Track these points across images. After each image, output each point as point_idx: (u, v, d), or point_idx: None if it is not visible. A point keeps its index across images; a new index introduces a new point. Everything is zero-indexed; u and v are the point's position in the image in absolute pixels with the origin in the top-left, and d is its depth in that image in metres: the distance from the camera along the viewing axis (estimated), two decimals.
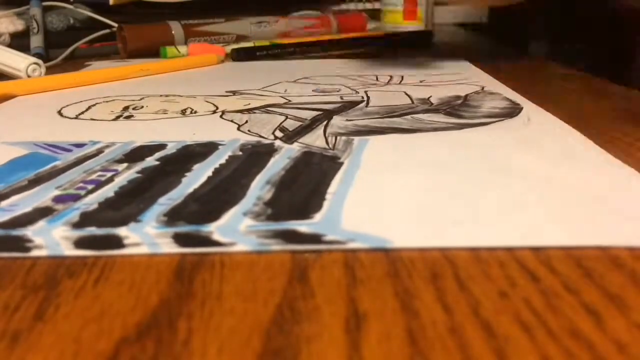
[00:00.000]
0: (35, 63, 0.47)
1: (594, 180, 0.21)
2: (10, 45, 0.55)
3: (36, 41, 0.60)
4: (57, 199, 0.20)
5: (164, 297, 0.14)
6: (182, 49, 0.59)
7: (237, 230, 0.17)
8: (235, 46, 0.58)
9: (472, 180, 0.21)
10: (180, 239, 0.17)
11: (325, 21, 0.70)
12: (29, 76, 0.46)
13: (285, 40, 0.62)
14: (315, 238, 0.16)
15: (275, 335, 0.12)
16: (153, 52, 0.59)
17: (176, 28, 0.61)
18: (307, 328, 0.13)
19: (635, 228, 0.17)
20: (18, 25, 0.61)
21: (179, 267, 0.15)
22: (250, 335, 0.12)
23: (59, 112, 0.35)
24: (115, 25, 0.62)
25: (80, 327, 0.13)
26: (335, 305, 0.13)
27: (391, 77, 0.43)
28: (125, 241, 0.17)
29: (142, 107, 0.35)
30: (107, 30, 0.63)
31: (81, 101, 0.38)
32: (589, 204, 0.18)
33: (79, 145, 0.27)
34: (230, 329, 0.13)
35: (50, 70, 0.49)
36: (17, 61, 0.47)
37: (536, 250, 0.16)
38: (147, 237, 0.17)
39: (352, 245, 0.16)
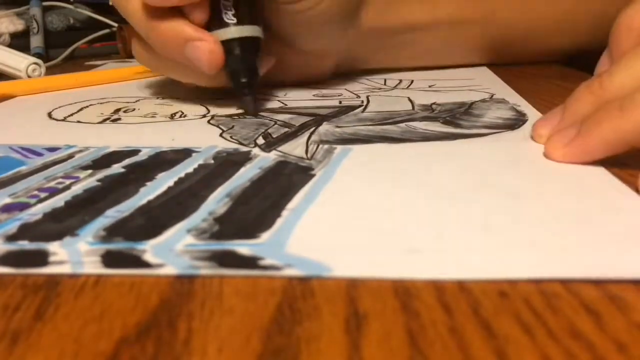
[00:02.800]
0: (35, 63, 0.47)
1: (578, 204, 0.18)
2: (10, 45, 0.55)
3: (36, 41, 0.60)
4: (4, 208, 0.19)
5: (164, 297, 0.14)
6: None
7: (172, 249, 0.16)
8: None
9: (445, 199, 0.19)
10: (109, 258, 0.16)
11: None
12: (29, 76, 0.46)
13: None
14: (251, 262, 0.15)
15: (275, 335, 0.12)
16: None
17: None
18: (307, 328, 0.13)
19: (632, 258, 0.15)
20: (18, 25, 0.61)
21: None
22: (250, 335, 0.12)
23: (49, 114, 0.34)
24: (115, 25, 0.62)
25: (80, 327, 0.13)
26: (335, 305, 0.13)
27: (400, 80, 0.41)
28: (51, 258, 0.16)
29: (134, 109, 0.34)
30: (107, 30, 0.63)
31: (76, 102, 0.37)
32: (564, 230, 0.17)
33: (52, 150, 0.26)
34: (230, 329, 0.13)
35: (50, 70, 0.49)
36: (17, 61, 0.47)
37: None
38: (75, 254, 0.16)
39: (287, 272, 0.15)
